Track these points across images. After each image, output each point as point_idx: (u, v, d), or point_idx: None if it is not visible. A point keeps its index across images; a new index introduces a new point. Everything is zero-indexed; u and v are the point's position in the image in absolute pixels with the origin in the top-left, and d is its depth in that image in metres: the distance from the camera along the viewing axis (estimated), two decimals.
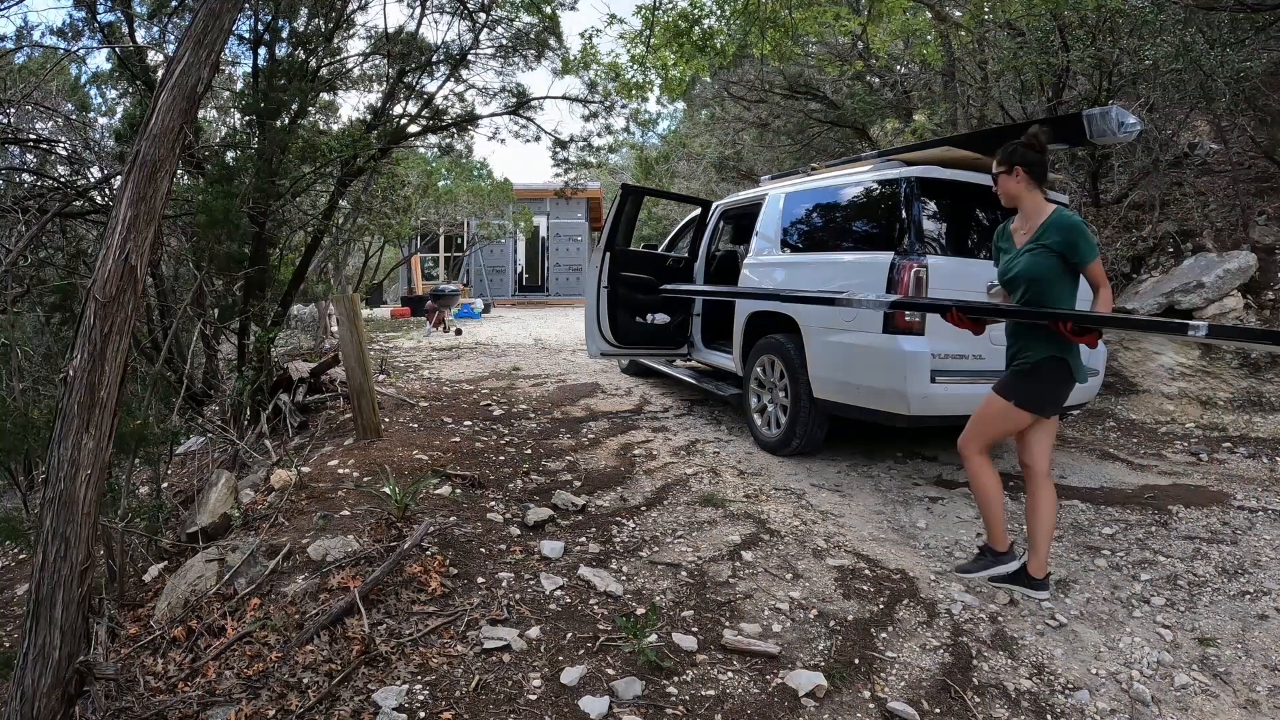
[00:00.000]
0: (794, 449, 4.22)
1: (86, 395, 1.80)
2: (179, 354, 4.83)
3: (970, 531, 3.30)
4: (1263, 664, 2.34)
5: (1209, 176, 6.92)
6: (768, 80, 10.68)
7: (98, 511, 1.88)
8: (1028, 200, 2.75)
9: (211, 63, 2.02)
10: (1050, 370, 2.62)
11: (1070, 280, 2.63)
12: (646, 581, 2.75)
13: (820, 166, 4.77)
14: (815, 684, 2.11)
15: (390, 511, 3.11)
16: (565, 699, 2.04)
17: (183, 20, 5.02)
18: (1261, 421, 4.95)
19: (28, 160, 5.09)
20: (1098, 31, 6.50)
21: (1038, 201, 2.73)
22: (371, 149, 5.75)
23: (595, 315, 5.43)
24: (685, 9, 7.12)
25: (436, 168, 13.87)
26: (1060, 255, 2.58)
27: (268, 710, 2.00)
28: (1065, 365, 2.61)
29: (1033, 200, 2.74)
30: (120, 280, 1.84)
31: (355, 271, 14.70)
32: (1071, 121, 3.39)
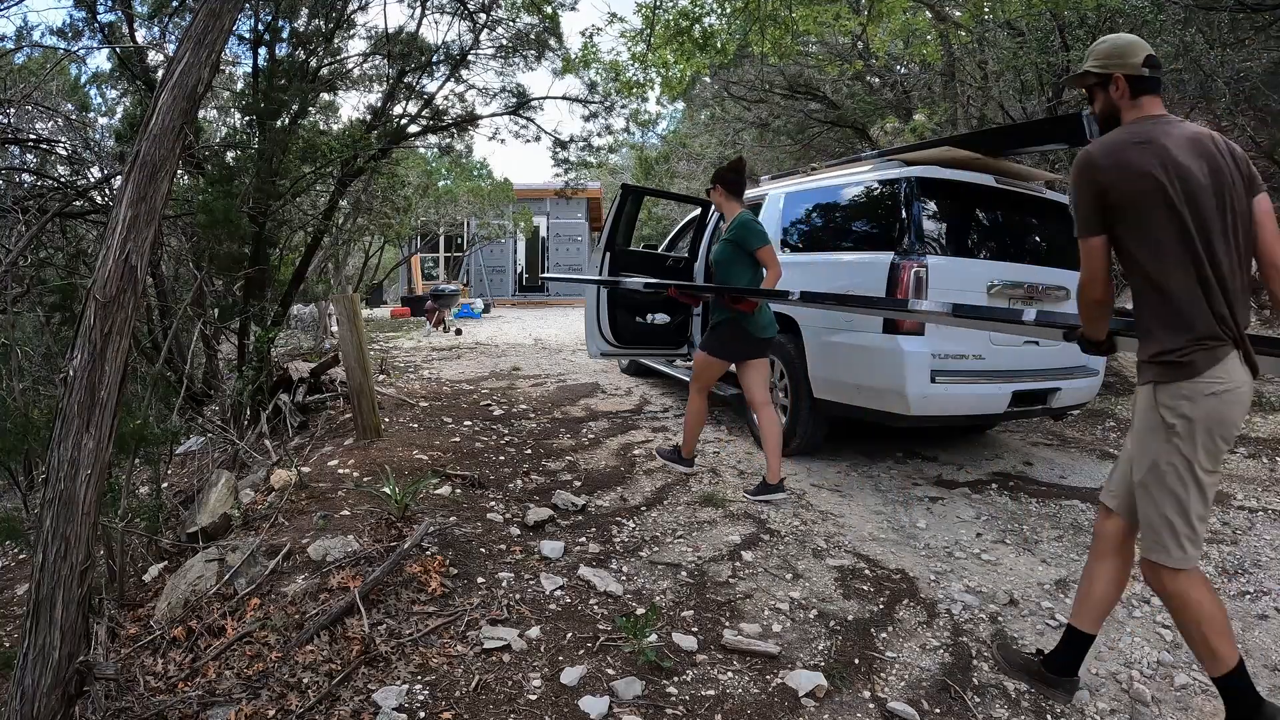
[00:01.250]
0: (794, 449, 4.22)
1: (86, 395, 1.80)
2: (179, 354, 4.83)
3: (970, 531, 3.31)
4: (1263, 664, 2.34)
5: None
6: (768, 80, 10.68)
7: (98, 511, 1.88)
8: (725, 207, 3.77)
9: (211, 63, 2.02)
10: (728, 328, 3.61)
11: (747, 262, 3.59)
12: (646, 581, 2.75)
13: (820, 166, 4.77)
14: (815, 684, 2.11)
15: (390, 511, 3.11)
16: (565, 699, 2.04)
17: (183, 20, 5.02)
18: (1261, 421, 4.95)
19: (28, 160, 5.09)
20: (1098, 31, 6.50)
21: (733, 208, 3.73)
22: (371, 149, 5.75)
23: (595, 315, 5.43)
24: (685, 7, 7.12)
25: (436, 168, 13.87)
26: (737, 244, 3.58)
27: (268, 710, 2.00)
28: (739, 324, 3.58)
29: (729, 207, 3.74)
30: (120, 280, 1.84)
31: (355, 271, 14.70)
32: (1071, 121, 3.39)
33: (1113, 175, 1.83)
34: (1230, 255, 1.80)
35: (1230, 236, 1.80)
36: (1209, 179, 1.80)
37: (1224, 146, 1.86)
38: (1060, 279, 3.97)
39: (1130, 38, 1.98)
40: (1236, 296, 1.79)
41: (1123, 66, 1.92)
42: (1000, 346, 3.79)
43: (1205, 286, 1.77)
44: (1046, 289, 3.89)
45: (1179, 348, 1.78)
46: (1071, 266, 4.09)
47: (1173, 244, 1.79)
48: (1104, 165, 1.85)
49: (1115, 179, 1.83)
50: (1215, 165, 1.81)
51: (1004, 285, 3.73)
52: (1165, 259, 1.80)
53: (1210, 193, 1.79)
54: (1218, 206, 1.80)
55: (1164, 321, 1.82)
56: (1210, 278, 1.77)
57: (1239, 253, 1.82)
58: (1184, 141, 1.82)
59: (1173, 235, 1.79)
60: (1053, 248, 4.15)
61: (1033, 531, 3.32)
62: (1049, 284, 3.91)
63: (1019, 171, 4.04)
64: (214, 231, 4.27)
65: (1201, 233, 1.78)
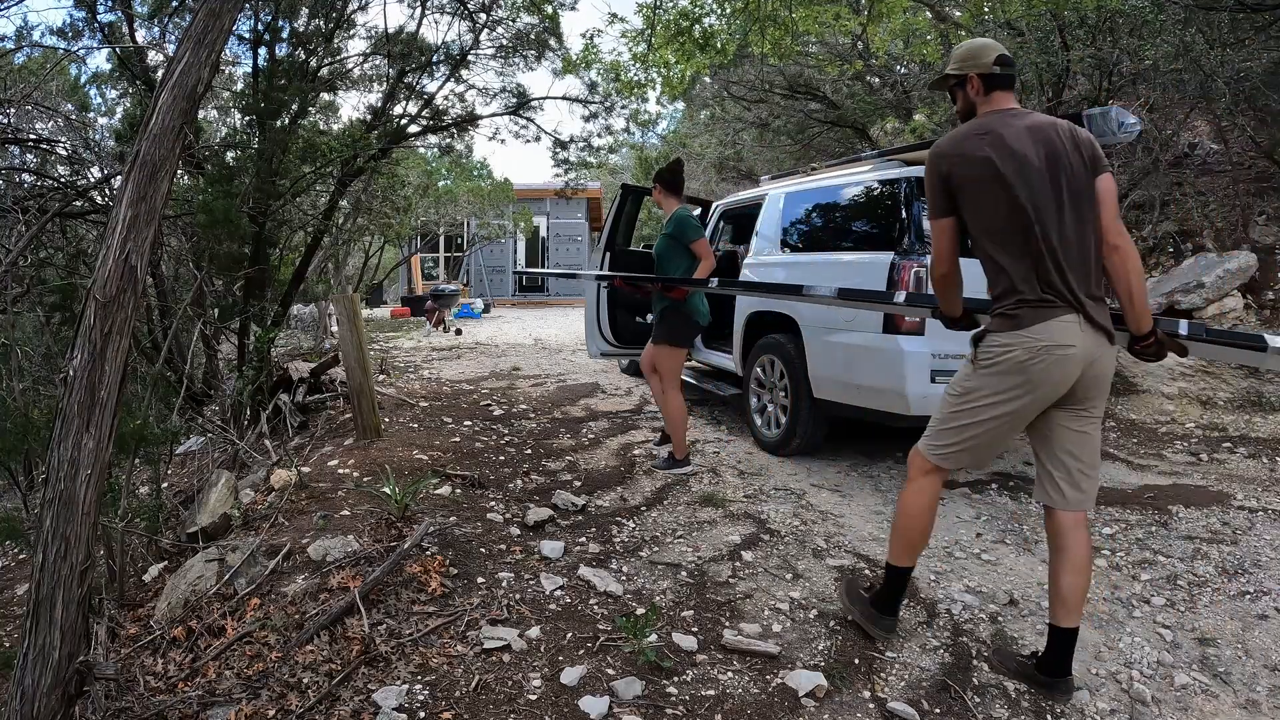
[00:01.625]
0: (794, 449, 4.22)
1: (86, 395, 1.80)
2: (179, 354, 4.83)
3: (970, 531, 3.31)
4: (1263, 664, 2.34)
5: (1209, 176, 6.92)
6: (768, 80, 10.68)
7: (98, 511, 1.88)
8: (665, 204, 4.05)
9: (211, 63, 2.02)
10: (674, 316, 3.88)
11: (684, 254, 3.89)
12: (646, 581, 2.75)
13: (820, 166, 4.77)
14: (815, 684, 2.11)
15: (390, 511, 3.11)
16: (565, 699, 2.04)
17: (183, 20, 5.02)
18: (1261, 421, 4.95)
19: (28, 160, 5.09)
20: (1098, 31, 6.51)
21: (671, 204, 4.00)
22: (371, 149, 5.75)
23: (595, 315, 5.44)
24: (686, 7, 7.12)
25: (436, 168, 13.87)
26: (674, 238, 3.88)
27: (268, 710, 2.00)
28: (680, 310, 3.85)
29: (668, 204, 4.02)
30: (120, 280, 1.84)
31: (355, 271, 14.70)
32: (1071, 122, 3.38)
33: (954, 162, 2.06)
34: (1062, 229, 1.97)
35: (1064, 213, 1.98)
36: (1043, 162, 1.98)
37: (1066, 132, 2.03)
38: None
39: (983, 41, 2.19)
40: (1073, 266, 1.96)
41: (976, 66, 2.13)
42: None
43: (1035, 257, 1.97)
44: None
45: (1010, 304, 2.01)
46: None
47: (1005, 220, 2.00)
48: (948, 154, 2.09)
49: (956, 165, 2.06)
50: (1052, 150, 1.99)
51: None
52: (999, 234, 2.02)
53: (1044, 174, 1.98)
54: (1051, 186, 1.98)
55: (1002, 288, 2.04)
56: (1041, 250, 1.96)
57: (1078, 227, 1.98)
58: (1023, 130, 2.02)
59: (1005, 212, 1.99)
60: None
61: (1033, 531, 3.32)
62: None
63: None
64: (214, 231, 4.27)
65: (1034, 209, 1.96)
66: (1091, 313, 1.96)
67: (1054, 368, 1.95)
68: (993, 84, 2.12)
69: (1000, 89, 2.12)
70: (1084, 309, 1.95)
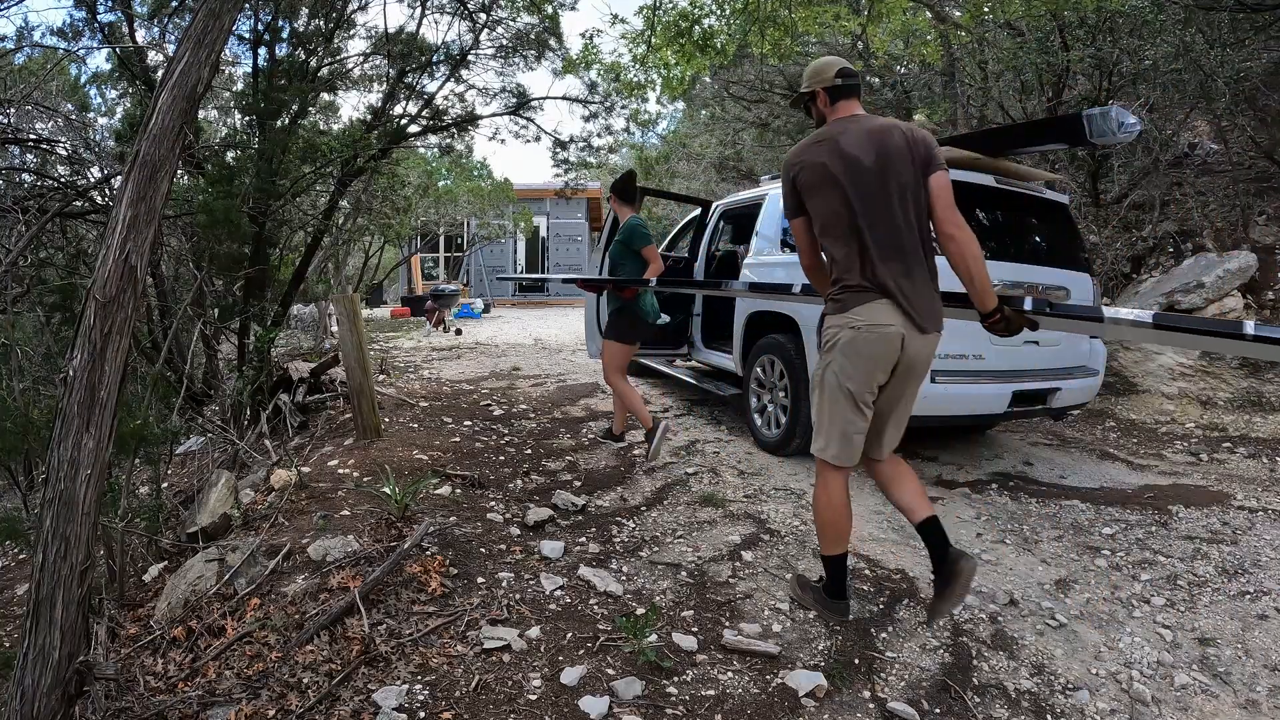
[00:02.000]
0: (794, 449, 4.22)
1: (86, 395, 1.80)
2: (179, 354, 4.83)
3: (970, 531, 3.31)
4: (1263, 664, 2.34)
5: (1209, 176, 6.92)
6: (768, 80, 10.69)
7: (98, 511, 1.88)
8: (619, 212, 4.38)
9: (211, 63, 2.02)
10: (625, 315, 4.13)
11: (636, 259, 4.12)
12: (646, 581, 2.75)
13: None
14: (815, 684, 2.11)
15: (390, 511, 3.11)
16: (565, 699, 2.04)
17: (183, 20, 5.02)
18: (1261, 421, 4.95)
19: (28, 160, 5.09)
20: (1098, 31, 6.51)
21: (625, 212, 4.31)
22: (371, 149, 5.75)
23: (595, 315, 5.43)
24: (685, 9, 7.13)
25: (437, 168, 13.87)
26: (626, 244, 4.15)
27: (268, 710, 2.00)
28: (632, 309, 4.10)
29: (622, 212, 4.34)
30: (120, 280, 1.84)
31: (355, 271, 14.70)
32: (1071, 121, 3.39)
33: (798, 168, 2.30)
34: (891, 224, 2.19)
35: (891, 209, 2.19)
36: (874, 163, 2.19)
37: (902, 135, 2.22)
38: (1060, 279, 3.97)
39: (826, 59, 2.41)
40: (891, 257, 2.19)
41: (821, 82, 2.37)
42: (1001, 346, 3.79)
43: (861, 249, 2.20)
44: (1047, 288, 3.89)
45: (837, 290, 2.27)
46: (1071, 267, 4.10)
47: (836, 216, 2.24)
48: (794, 161, 2.33)
49: (800, 171, 2.30)
50: (885, 151, 2.19)
51: (1004, 285, 3.73)
52: (832, 229, 2.26)
53: (874, 174, 2.19)
54: (880, 185, 2.19)
55: (835, 276, 2.30)
56: (867, 242, 2.19)
57: (904, 221, 2.20)
58: (862, 133, 2.23)
59: (836, 210, 2.23)
60: (1053, 248, 4.15)
61: (1033, 531, 3.32)
62: (1049, 284, 3.91)
63: (1019, 171, 4.04)
64: (214, 231, 4.28)
65: (859, 206, 2.19)
66: (905, 300, 2.19)
67: (877, 344, 2.20)
68: (837, 95, 2.36)
69: (844, 98, 2.36)
70: (897, 296, 2.18)
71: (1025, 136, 3.90)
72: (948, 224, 2.16)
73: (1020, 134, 4.03)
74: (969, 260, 2.14)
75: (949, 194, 2.19)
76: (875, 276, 2.19)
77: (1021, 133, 4.06)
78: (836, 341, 2.26)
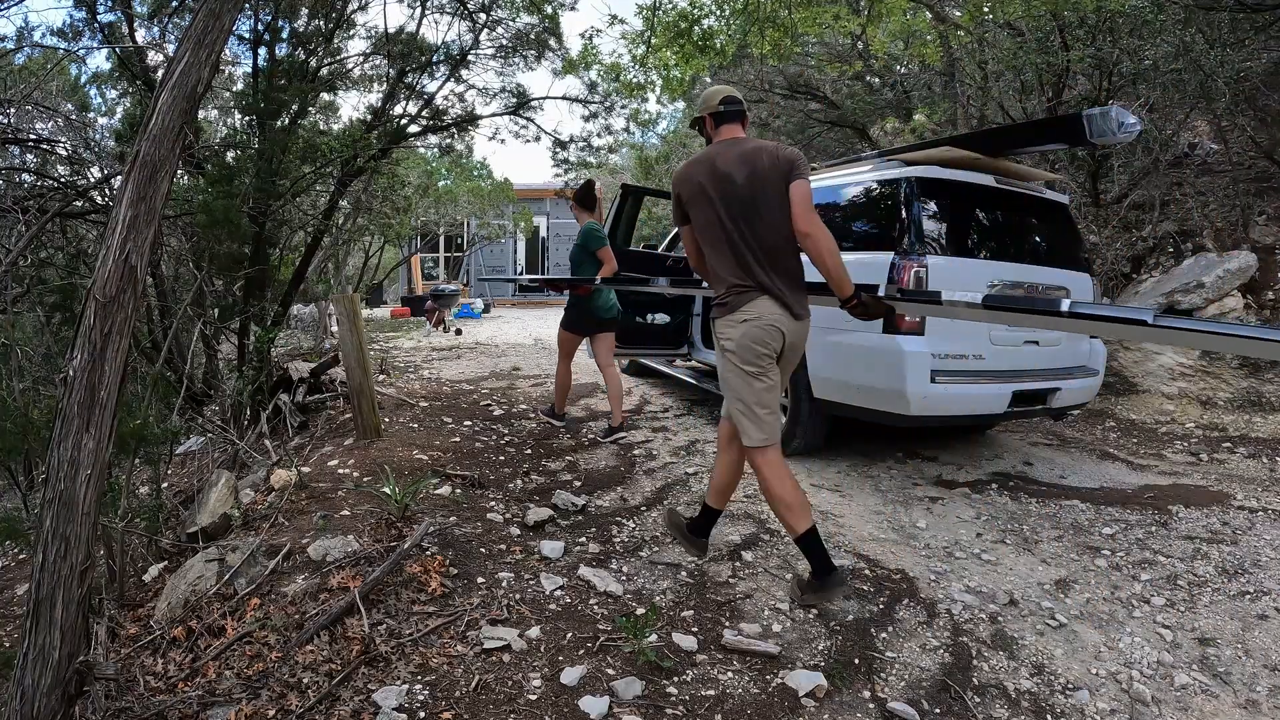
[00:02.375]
0: (794, 449, 4.22)
1: (86, 395, 1.80)
2: (179, 354, 4.83)
3: (970, 531, 3.31)
4: (1263, 664, 2.34)
5: (1209, 176, 6.92)
6: (768, 80, 10.68)
7: (98, 511, 1.88)
8: (578, 217, 4.69)
9: (211, 63, 2.02)
10: (577, 310, 4.61)
11: (592, 259, 4.51)
12: (646, 581, 2.75)
13: (820, 166, 4.77)
14: (815, 684, 2.11)
15: (390, 511, 3.11)
16: (565, 699, 2.04)
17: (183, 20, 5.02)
18: (1261, 421, 4.95)
19: (28, 160, 5.09)
20: (1098, 31, 6.50)
21: (583, 217, 4.64)
22: (371, 149, 5.76)
23: None
24: (685, 9, 7.13)
25: (436, 168, 13.87)
26: (583, 247, 4.54)
27: (268, 710, 2.00)
28: (584, 306, 4.56)
29: (581, 217, 4.66)
30: (120, 280, 1.84)
31: (355, 271, 14.69)
32: (1071, 121, 3.39)
33: (682, 184, 2.62)
34: (755, 233, 2.49)
35: (759, 221, 2.49)
36: (745, 179, 2.48)
37: (770, 154, 2.51)
38: (1060, 279, 3.97)
39: (716, 89, 2.73)
40: (763, 260, 2.49)
41: (708, 109, 2.69)
42: (1001, 346, 3.79)
43: (735, 254, 2.51)
44: (1047, 289, 3.89)
45: (723, 294, 2.55)
46: (1071, 267, 4.10)
47: (712, 227, 2.54)
48: (679, 178, 2.65)
49: (683, 187, 2.62)
50: (754, 170, 2.48)
51: (1004, 285, 3.73)
52: (710, 240, 2.57)
53: (744, 190, 2.49)
54: (749, 199, 2.49)
55: (716, 279, 2.58)
56: (739, 248, 2.50)
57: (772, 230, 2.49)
58: (735, 155, 2.52)
59: (712, 222, 2.54)
60: (1053, 248, 4.15)
61: (1033, 531, 3.32)
62: (1049, 284, 3.91)
63: (1019, 171, 4.04)
64: (214, 231, 4.28)
65: (730, 220, 2.50)
66: (781, 294, 2.50)
67: (764, 333, 2.49)
68: (720, 120, 2.67)
69: (727, 123, 2.66)
70: (772, 291, 2.49)
71: (1025, 136, 3.90)
72: (803, 224, 2.43)
73: (1020, 134, 4.03)
74: (823, 255, 2.42)
75: (806, 200, 2.45)
76: (753, 277, 2.50)
77: (1021, 133, 4.06)
78: (732, 339, 2.52)
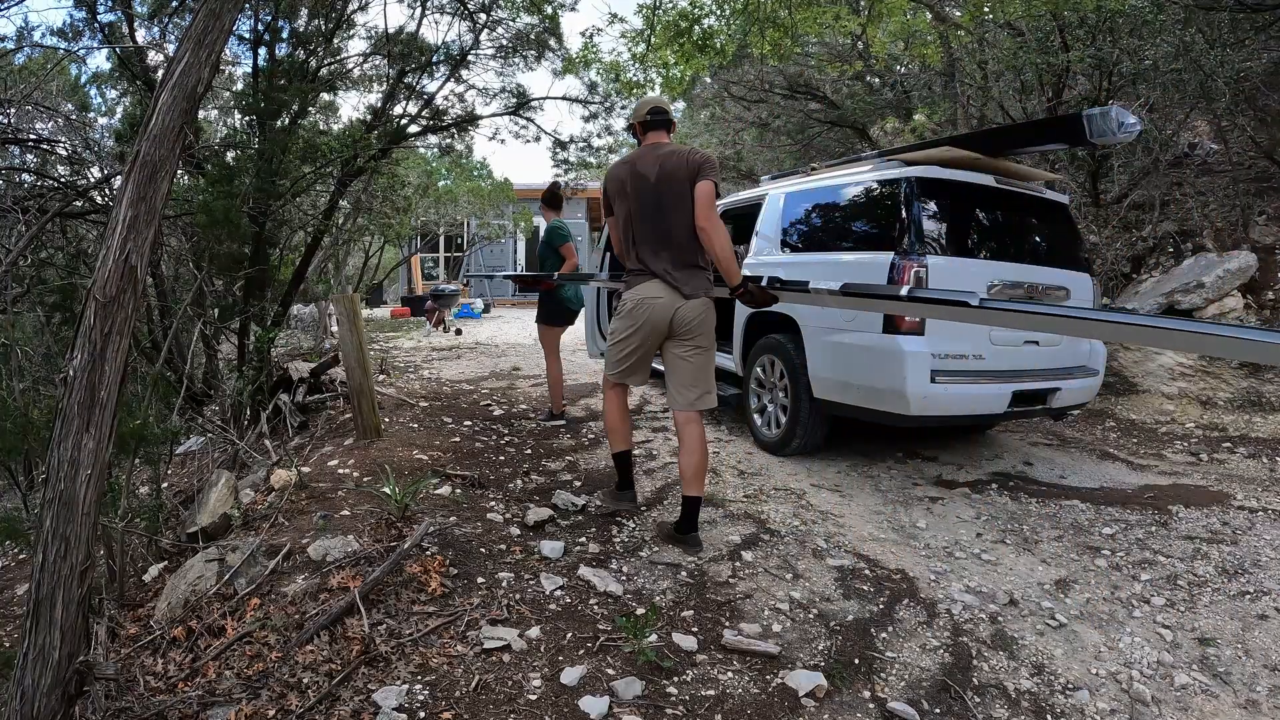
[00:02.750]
0: (794, 449, 4.22)
1: (86, 395, 1.80)
2: (179, 354, 4.83)
3: (970, 531, 3.31)
4: (1263, 664, 2.34)
5: (1209, 176, 6.92)
6: (768, 80, 10.68)
7: (98, 511, 1.88)
8: (545, 216, 5.13)
9: (211, 63, 2.02)
10: (546, 303, 4.99)
11: (556, 255, 4.94)
12: (646, 581, 2.75)
13: (820, 166, 4.77)
14: (815, 684, 2.11)
15: (390, 511, 3.11)
16: (565, 699, 2.04)
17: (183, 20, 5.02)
18: (1261, 421, 4.95)
19: (28, 160, 5.09)
20: (1098, 31, 6.50)
21: (550, 216, 5.09)
22: (371, 149, 5.75)
23: (595, 315, 5.44)
24: (685, 9, 7.13)
25: (436, 168, 13.87)
26: (549, 244, 4.96)
27: (268, 710, 2.00)
28: (554, 298, 4.96)
29: (547, 216, 5.10)
30: (120, 280, 1.84)
31: (355, 271, 14.69)
32: (1071, 121, 3.39)
33: (609, 181, 3.09)
34: (662, 225, 2.92)
35: (664, 215, 2.90)
36: (657, 179, 2.90)
37: (682, 159, 2.89)
38: (1060, 279, 3.97)
39: (644, 100, 3.13)
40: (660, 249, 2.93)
41: (638, 118, 3.10)
42: (1001, 346, 3.79)
43: (636, 244, 2.99)
44: (1047, 289, 3.89)
45: (626, 274, 3.08)
46: (1071, 267, 4.10)
47: (628, 219, 3.00)
48: (608, 177, 3.11)
49: (609, 183, 3.09)
50: (665, 171, 2.89)
51: (1004, 285, 3.73)
52: (623, 229, 3.04)
53: (655, 188, 2.91)
54: (657, 196, 2.91)
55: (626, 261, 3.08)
56: (645, 237, 2.95)
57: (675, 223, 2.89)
58: (653, 158, 2.94)
59: (627, 213, 3.00)
60: (1053, 248, 4.15)
61: (1033, 531, 3.32)
62: (1049, 284, 3.91)
63: (1019, 171, 4.04)
64: (214, 231, 4.28)
65: (639, 213, 2.95)
66: (671, 277, 2.91)
67: (649, 312, 2.94)
68: (647, 128, 3.06)
69: (652, 130, 3.05)
70: (663, 276, 2.92)
71: (1025, 136, 3.90)
72: (701, 219, 2.82)
73: (1020, 134, 4.03)
74: (715, 247, 2.83)
75: (706, 198, 2.82)
76: (648, 263, 2.95)
77: (1021, 133, 4.06)
78: (623, 308, 3.05)
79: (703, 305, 2.94)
